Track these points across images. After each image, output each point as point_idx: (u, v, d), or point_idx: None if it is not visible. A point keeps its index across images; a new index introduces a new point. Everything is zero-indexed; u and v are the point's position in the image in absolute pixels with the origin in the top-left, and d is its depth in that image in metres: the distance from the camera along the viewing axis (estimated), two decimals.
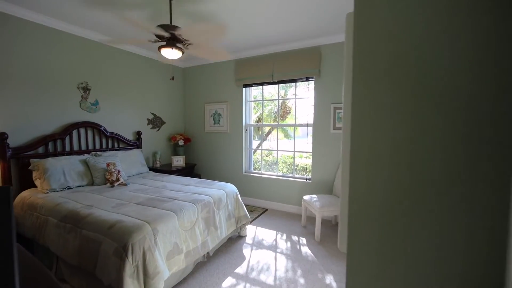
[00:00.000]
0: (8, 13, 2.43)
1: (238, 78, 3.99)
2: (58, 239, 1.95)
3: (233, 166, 4.23)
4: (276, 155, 4.05)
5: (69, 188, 2.64)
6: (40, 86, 2.71)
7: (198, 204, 2.23)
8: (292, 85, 5.57)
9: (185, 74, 4.67)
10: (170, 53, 2.21)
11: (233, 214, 2.69)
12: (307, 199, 3.04)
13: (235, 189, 2.86)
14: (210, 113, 4.41)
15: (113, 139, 3.45)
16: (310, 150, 3.64)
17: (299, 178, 3.73)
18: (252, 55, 3.87)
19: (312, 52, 3.39)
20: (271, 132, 6.75)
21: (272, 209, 3.88)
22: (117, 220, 1.77)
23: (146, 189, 2.65)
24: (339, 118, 3.29)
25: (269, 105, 6.27)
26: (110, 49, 3.38)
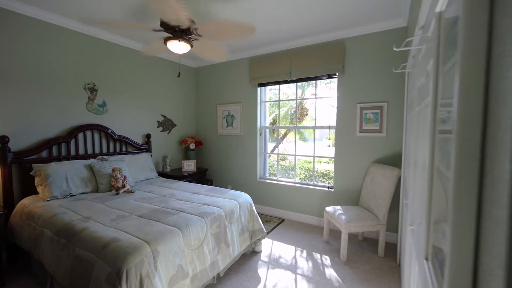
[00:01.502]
0: (12, 10, 2.30)
1: (252, 77, 3.71)
2: (51, 255, 1.74)
3: (247, 172, 3.94)
4: (294, 160, 3.71)
5: (72, 195, 2.46)
6: (44, 87, 2.57)
7: (207, 218, 1.95)
8: (311, 83, 5.23)
9: (197, 74, 4.46)
10: (177, 47, 1.96)
11: (247, 228, 2.39)
12: (330, 211, 2.68)
13: (249, 199, 2.56)
14: (223, 115, 4.15)
15: (121, 142, 3.28)
16: (332, 155, 3.28)
17: (320, 186, 3.37)
18: (268, 52, 3.58)
19: (335, 46, 3.04)
20: (287, 135, 6.42)
21: (289, 219, 3.54)
22: (112, 238, 1.52)
23: (152, 198, 2.41)
24: (367, 120, 2.91)
25: (285, 106, 5.94)
26: (118, 48, 3.22)
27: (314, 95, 3.60)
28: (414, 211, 1.27)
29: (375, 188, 2.62)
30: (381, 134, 2.83)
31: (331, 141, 7.48)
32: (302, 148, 5.03)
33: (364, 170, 2.97)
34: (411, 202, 1.43)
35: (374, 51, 2.84)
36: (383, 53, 2.78)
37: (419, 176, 1.13)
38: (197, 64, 4.38)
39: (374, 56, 2.84)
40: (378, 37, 2.80)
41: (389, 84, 2.77)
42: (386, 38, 2.76)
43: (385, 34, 2.77)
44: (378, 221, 2.44)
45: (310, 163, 5.05)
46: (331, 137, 6.95)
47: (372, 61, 2.86)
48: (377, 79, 2.84)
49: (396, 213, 2.73)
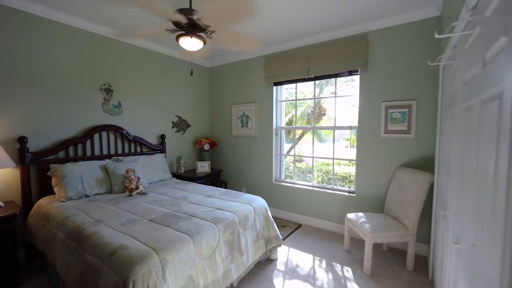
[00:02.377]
0: (30, 12, 2.33)
1: (268, 76, 3.57)
2: (62, 259, 1.70)
3: (262, 174, 3.80)
4: (312, 162, 3.52)
5: (87, 196, 2.45)
6: (62, 88, 2.59)
7: (220, 224, 1.84)
8: (330, 82, 5.00)
9: (212, 74, 4.40)
10: (189, 43, 1.87)
11: (262, 235, 2.25)
12: (352, 219, 2.47)
13: (264, 203, 2.42)
14: (238, 115, 4.05)
15: (135, 143, 3.26)
16: (352, 157, 3.06)
17: (340, 191, 3.16)
18: (284, 49, 3.43)
19: (357, 41, 2.83)
20: (303, 136, 6.20)
21: (306, 225, 3.36)
22: (120, 245, 1.44)
23: (164, 201, 2.34)
24: (393, 120, 2.67)
25: (301, 106, 5.74)
26: (133, 48, 3.21)
27: (333, 94, 3.40)
28: (461, 227, 1.07)
29: (402, 194, 2.38)
30: (409, 135, 2.58)
31: (349, 142, 7.16)
32: (319, 149, 4.82)
33: (389, 174, 2.72)
34: (455, 215, 1.22)
35: (401, 44, 2.60)
36: (411, 47, 2.54)
37: (470, 185, 0.94)
38: (211, 63, 4.31)
39: (401, 50, 2.60)
40: (406, 29, 2.56)
41: (418, 81, 2.52)
42: (415, 29, 2.51)
43: (414, 25, 2.52)
44: (407, 231, 2.20)
45: (328, 165, 4.82)
46: (350, 137, 6.65)
47: (398, 55, 2.62)
48: (404, 75, 2.59)
49: (427, 223, 2.47)
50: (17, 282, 2.03)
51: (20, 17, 2.28)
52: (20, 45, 2.30)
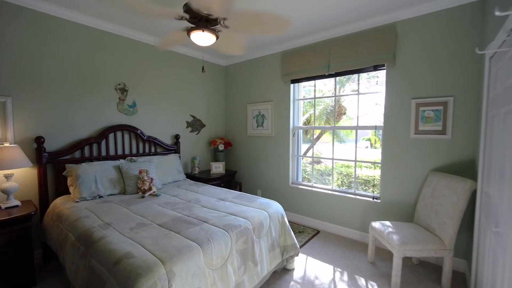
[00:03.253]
0: (46, 12, 2.34)
1: (285, 73, 3.40)
2: (72, 262, 1.65)
3: (278, 176, 3.63)
4: (332, 165, 3.30)
5: (100, 197, 2.43)
6: (78, 88, 2.60)
7: (233, 231, 1.70)
8: (351, 79, 4.72)
9: (227, 73, 4.30)
10: (201, 38, 1.75)
11: (278, 243, 2.10)
12: (378, 228, 2.24)
13: (280, 209, 2.26)
14: (253, 115, 3.91)
15: (150, 143, 3.23)
16: (375, 159, 2.81)
17: (362, 196, 2.92)
18: (302, 44, 3.24)
19: (383, 32, 2.58)
20: (321, 136, 5.94)
21: (325, 231, 3.15)
22: (126, 253, 1.35)
23: (176, 203, 2.26)
24: (425, 119, 2.39)
25: (320, 105, 5.49)
26: (148, 47, 3.17)
27: (355, 91, 3.16)
28: None
29: (437, 203, 2.11)
30: (445, 136, 2.30)
31: (370, 142, 6.77)
32: (338, 150, 4.55)
33: (420, 179, 2.45)
34: None
35: (435, 34, 2.32)
36: (448, 36, 2.25)
37: None
38: (226, 62, 4.21)
39: (435, 40, 2.32)
40: (442, 16, 2.28)
41: (456, 75, 2.23)
42: (453, 16, 2.22)
43: (450, 12, 2.23)
44: (443, 245, 1.94)
45: (348, 167, 4.55)
46: (371, 138, 6.28)
47: (432, 47, 2.34)
48: (439, 69, 2.31)
49: (466, 235, 2.18)
50: (32, 282, 2.03)
51: (36, 17, 2.30)
52: (36, 46, 2.32)
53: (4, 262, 1.88)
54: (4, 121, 2.18)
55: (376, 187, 3.01)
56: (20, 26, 2.22)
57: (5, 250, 1.88)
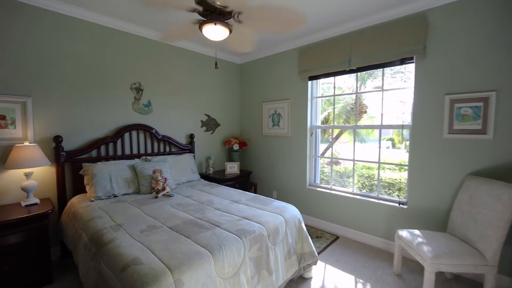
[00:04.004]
0: (64, 13, 2.37)
1: (302, 70, 3.24)
2: (84, 263, 1.63)
3: (295, 177, 3.48)
4: (352, 166, 3.09)
5: (115, 196, 2.42)
6: (95, 88, 2.62)
7: (246, 237, 1.60)
8: (372, 75, 4.45)
9: (242, 71, 4.20)
10: (213, 32, 1.66)
11: (294, 250, 1.96)
12: (406, 237, 2.03)
13: (297, 213, 2.12)
14: (268, 113, 3.79)
15: (164, 142, 3.21)
16: (399, 160, 2.57)
17: (387, 200, 2.69)
18: (321, 38, 3.06)
19: (412, 22, 2.35)
20: (340, 136, 5.69)
21: (345, 237, 2.95)
22: (134, 258, 1.29)
23: (189, 205, 2.19)
24: (461, 116, 2.14)
25: (339, 103, 5.25)
26: (162, 46, 3.15)
27: (378, 88, 2.93)
28: None
29: (476, 211, 1.87)
30: (485, 136, 2.04)
31: (391, 142, 6.39)
32: (357, 151, 4.32)
33: (454, 184, 2.20)
34: None
35: (473, 21, 2.06)
36: (488, 22, 1.99)
37: None
38: (241, 60, 4.12)
39: (473, 28, 2.06)
40: (480, 1, 2.02)
41: (499, 67, 1.97)
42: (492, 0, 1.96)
43: None
44: (484, 260, 1.71)
45: (370, 169, 4.29)
46: (394, 137, 5.92)
47: (470, 35, 2.08)
48: (478, 60, 2.05)
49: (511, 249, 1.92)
50: (49, 279, 2.05)
51: (55, 19, 2.33)
52: (54, 47, 2.35)
53: (22, 259, 1.91)
54: (25, 121, 2.23)
55: (402, 192, 2.77)
56: (39, 28, 2.26)
57: (23, 247, 1.91)
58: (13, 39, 2.13)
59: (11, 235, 1.86)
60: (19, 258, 1.89)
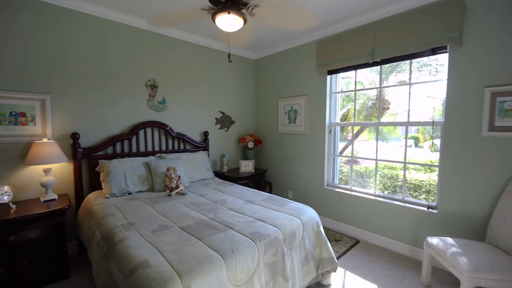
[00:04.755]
0: (79, 10, 2.38)
1: (321, 63, 3.07)
2: (96, 261, 1.61)
3: (312, 177, 3.33)
4: (375, 166, 2.88)
5: (129, 193, 2.42)
6: (110, 85, 2.62)
7: (261, 242, 1.49)
8: (396, 68, 4.16)
9: (257, 67, 4.09)
10: (227, 22, 1.56)
11: (312, 256, 1.83)
12: (437, 246, 1.84)
13: (315, 216, 1.99)
14: (285, 110, 3.65)
15: (178, 139, 3.19)
16: (432, 161, 2.35)
17: (413, 204, 2.48)
18: (341, 29, 2.87)
19: (446, 7, 2.11)
20: (360, 133, 5.42)
21: (366, 241, 2.77)
22: (143, 261, 1.23)
23: (202, 204, 2.13)
24: (504, 112, 1.89)
25: (359, 99, 4.98)
26: (177, 42, 3.11)
27: (403, 82, 2.69)
28: None
29: None
30: None
31: (414, 140, 5.99)
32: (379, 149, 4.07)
33: (496, 188, 1.96)
34: None
35: None
36: None
37: None
38: (256, 55, 4.00)
39: None
40: None
41: None
42: None
43: None
44: None
45: (393, 169, 4.02)
46: (419, 135, 5.55)
47: None
48: None
49: None
50: (66, 274, 2.08)
51: (71, 16, 2.34)
52: (71, 44, 2.37)
53: (40, 254, 1.94)
54: (44, 118, 2.27)
55: (430, 194, 2.54)
56: (57, 26, 2.28)
57: (41, 242, 1.94)
58: (32, 38, 2.17)
59: (30, 230, 1.90)
60: (37, 252, 1.92)
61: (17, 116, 2.15)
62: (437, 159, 2.38)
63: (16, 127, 2.15)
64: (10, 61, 2.09)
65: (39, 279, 1.95)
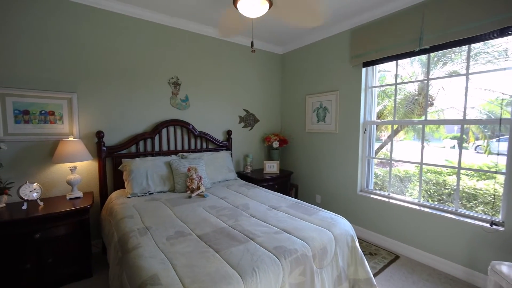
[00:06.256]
0: (104, 8, 2.37)
1: (355, 55, 2.75)
2: (112, 264, 1.54)
3: (343, 181, 3.02)
4: (419, 171, 2.49)
5: (150, 193, 2.37)
6: (133, 84, 2.60)
7: (286, 259, 1.29)
8: (443, 58, 3.63)
9: (283, 62, 3.86)
10: (250, 7, 1.37)
11: (346, 275, 1.58)
12: (508, 274, 1.47)
13: (349, 228, 1.72)
14: (313, 108, 3.38)
15: (201, 138, 3.09)
16: (483, 165, 1.93)
17: (470, 218, 2.08)
18: (381, 15, 2.53)
19: None
20: (397, 133, 4.90)
21: (407, 257, 2.41)
22: (152, 275, 1.10)
23: (222, 209, 1.98)
24: None
25: (398, 94, 4.49)
26: (200, 38, 3.01)
27: (454, 73, 2.27)
28: None
29: None
30: None
31: (457, 141, 5.26)
32: (416, 150, 3.61)
33: None
34: None
35: None
36: None
37: None
38: (283, 49, 3.77)
39: None
40: None
41: None
42: None
43: None
44: None
45: (437, 173, 3.53)
46: (471, 135, 4.86)
47: None
48: None
49: None
50: (89, 273, 2.08)
51: (96, 14, 2.34)
52: (97, 43, 2.37)
53: (64, 252, 1.94)
54: (71, 116, 2.30)
55: (488, 205, 2.11)
56: (82, 25, 2.29)
57: (65, 240, 1.94)
58: (60, 38, 2.19)
59: (55, 227, 1.90)
60: (61, 250, 1.93)
61: (46, 115, 2.20)
62: (499, 163, 1.96)
63: (45, 126, 2.20)
64: (40, 61, 2.13)
65: (62, 277, 1.95)
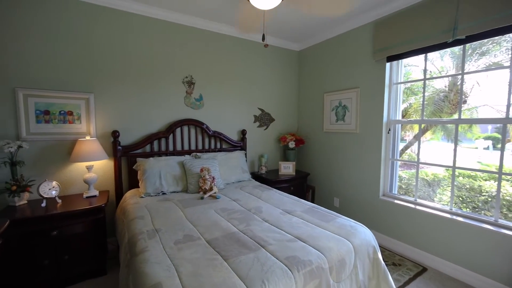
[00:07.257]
0: (119, 8, 2.38)
1: (378, 48, 2.55)
2: (121, 268, 1.51)
3: (364, 184, 2.83)
4: (452, 175, 2.25)
5: (163, 193, 2.35)
6: (148, 83, 2.60)
7: (299, 271, 1.18)
8: (478, 50, 3.29)
9: (300, 59, 3.71)
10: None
11: None
12: None
13: (371, 238, 1.57)
14: (332, 106, 3.20)
15: (215, 138, 3.04)
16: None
17: None
18: (407, 4, 2.31)
19: None
20: (425, 133, 4.55)
21: (436, 270, 2.19)
22: (156, 284, 1.04)
23: (234, 212, 1.90)
24: None
25: (427, 90, 4.16)
26: (214, 35, 2.95)
27: (493, 65, 2.01)
28: None
29: None
30: None
31: (492, 142, 4.78)
32: (446, 152, 3.30)
33: None
34: None
35: None
36: None
37: None
38: (300, 46, 3.63)
39: None
40: None
41: None
42: None
43: None
44: None
45: (472, 178, 3.20)
46: (511, 135, 4.40)
47: None
48: None
49: None
50: (103, 271, 2.10)
51: (111, 14, 2.36)
52: (112, 43, 2.39)
53: (79, 249, 1.97)
54: (88, 116, 2.34)
55: None
56: (98, 26, 2.32)
57: (81, 238, 1.98)
58: (78, 38, 2.24)
59: (72, 225, 1.94)
60: (77, 248, 1.96)
61: (65, 115, 2.25)
62: None
63: (64, 125, 2.26)
64: (59, 62, 2.18)
65: (78, 274, 1.99)
